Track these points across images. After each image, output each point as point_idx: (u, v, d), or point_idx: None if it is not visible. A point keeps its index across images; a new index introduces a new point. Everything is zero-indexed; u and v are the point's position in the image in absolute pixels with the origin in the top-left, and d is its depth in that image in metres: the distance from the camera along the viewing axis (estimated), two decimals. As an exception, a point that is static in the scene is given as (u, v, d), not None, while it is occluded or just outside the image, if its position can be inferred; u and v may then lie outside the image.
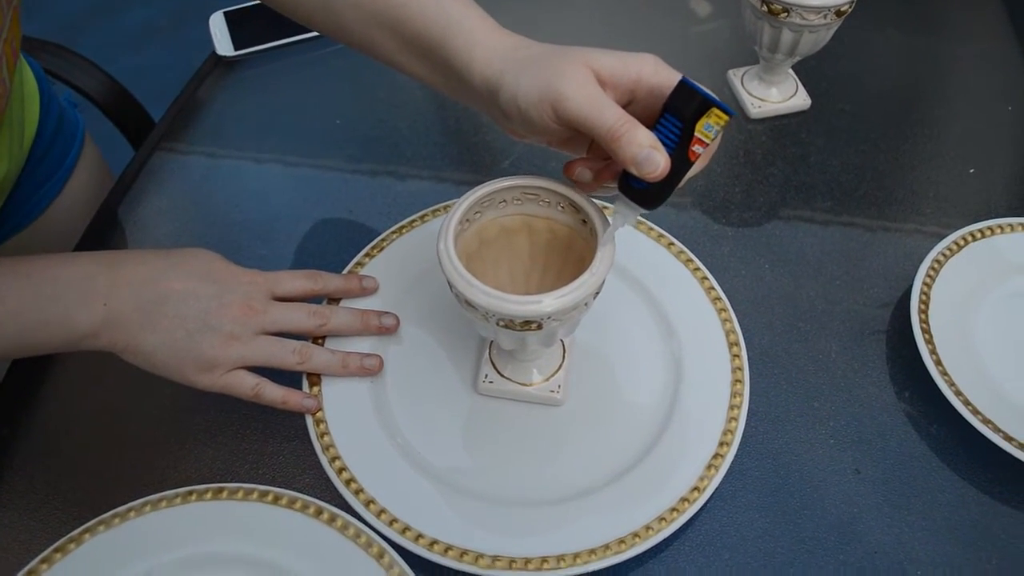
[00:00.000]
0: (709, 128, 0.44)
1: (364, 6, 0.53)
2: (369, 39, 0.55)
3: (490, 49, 0.49)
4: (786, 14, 0.69)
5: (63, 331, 0.52)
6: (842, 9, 0.69)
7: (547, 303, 0.46)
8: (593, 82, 0.45)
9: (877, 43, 0.88)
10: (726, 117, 0.44)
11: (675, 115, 0.44)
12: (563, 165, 0.50)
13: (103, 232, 0.72)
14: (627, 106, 0.46)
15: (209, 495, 0.53)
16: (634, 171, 0.44)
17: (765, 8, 0.70)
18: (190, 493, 0.54)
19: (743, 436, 0.56)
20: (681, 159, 0.45)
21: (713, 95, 0.43)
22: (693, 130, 0.44)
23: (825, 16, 0.69)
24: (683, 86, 0.44)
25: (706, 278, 0.64)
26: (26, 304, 0.51)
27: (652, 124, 0.45)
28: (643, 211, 0.48)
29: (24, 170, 0.75)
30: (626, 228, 0.49)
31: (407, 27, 0.52)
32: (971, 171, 0.76)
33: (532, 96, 0.46)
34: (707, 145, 0.44)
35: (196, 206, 0.75)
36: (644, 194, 0.46)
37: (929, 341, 0.60)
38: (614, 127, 0.43)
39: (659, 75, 0.45)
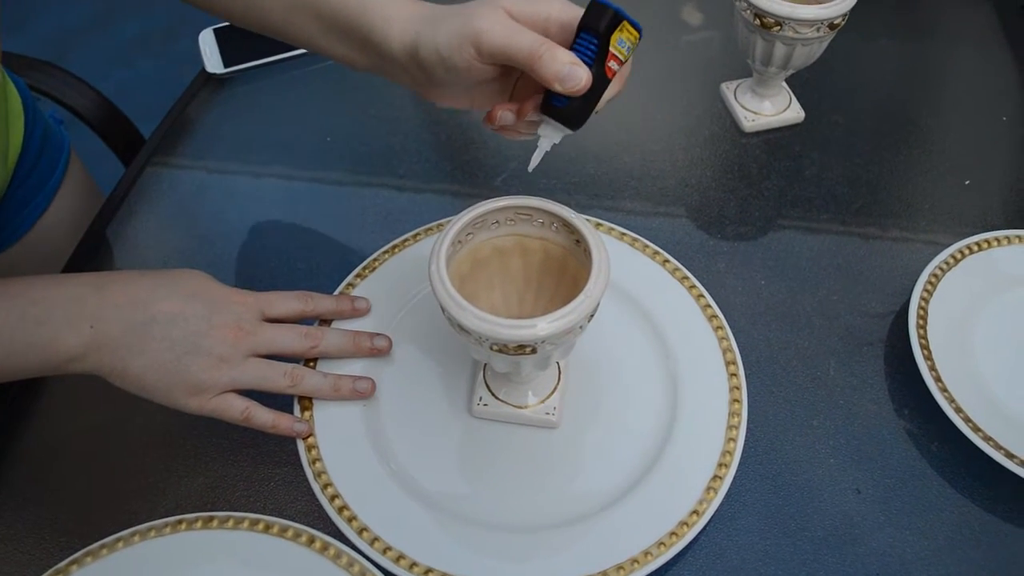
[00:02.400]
0: (622, 43, 0.47)
1: None
2: (290, 24, 0.56)
3: (405, 18, 0.51)
4: (779, 27, 0.69)
5: (49, 354, 0.51)
6: (835, 22, 0.69)
7: (541, 327, 0.45)
8: (506, 17, 0.47)
9: (870, 55, 0.87)
10: (636, 33, 0.48)
11: (590, 32, 0.47)
12: (482, 119, 0.52)
13: (93, 250, 0.71)
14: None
15: (199, 524, 0.53)
16: (558, 87, 0.46)
17: (758, 21, 0.69)
18: (180, 522, 0.53)
19: (741, 456, 0.55)
20: (599, 76, 0.47)
21: (627, 13, 0.47)
22: (608, 45, 0.47)
23: (818, 29, 0.69)
24: (595, 3, 0.47)
25: (702, 295, 0.63)
26: (11, 326, 0.50)
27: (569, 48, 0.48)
28: (568, 131, 0.50)
29: (9, 188, 0.75)
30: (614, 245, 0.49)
31: (324, 8, 0.53)
32: (967, 183, 0.75)
33: (453, 41, 0.48)
34: (622, 62, 0.48)
35: (186, 224, 0.74)
36: (567, 112, 0.48)
37: (928, 357, 0.59)
38: (534, 48, 0.46)
39: (567, 11, 0.48)
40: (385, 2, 0.52)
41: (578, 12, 0.48)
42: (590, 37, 0.47)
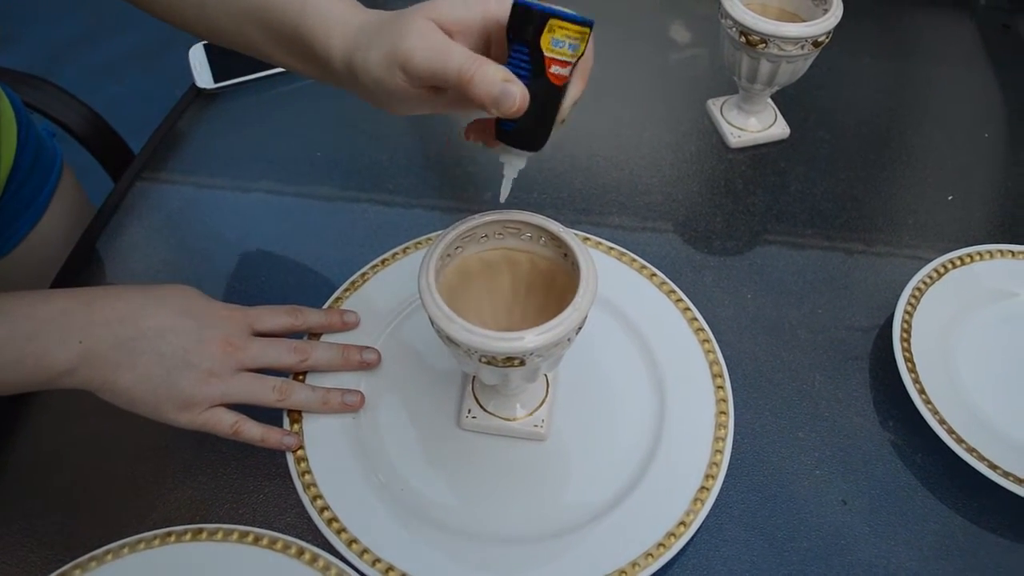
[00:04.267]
0: (560, 43, 0.40)
1: (233, 1, 0.53)
2: (242, 36, 0.54)
3: (343, 30, 0.48)
4: (764, 45, 0.70)
5: (39, 369, 0.51)
6: (819, 40, 0.70)
7: (529, 339, 0.45)
8: (436, 32, 0.43)
9: (854, 72, 0.89)
10: (575, 26, 0.40)
11: (518, 40, 0.41)
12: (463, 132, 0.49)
13: (82, 263, 0.71)
14: (486, 52, 0.44)
15: (188, 536, 0.52)
16: (494, 112, 0.42)
17: (743, 39, 0.70)
18: (168, 534, 0.52)
19: (728, 468, 0.56)
20: (544, 87, 0.41)
21: (556, 8, 0.40)
22: (540, 50, 0.40)
23: (802, 47, 0.70)
24: (516, 6, 0.41)
25: (688, 309, 0.64)
26: (1, 342, 0.50)
27: None
28: (528, 154, 0.46)
29: (0, 201, 0.75)
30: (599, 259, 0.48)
31: (270, 17, 0.51)
32: (949, 198, 0.76)
33: (383, 64, 0.44)
34: (568, 63, 0.41)
35: (176, 238, 0.74)
36: (519, 135, 0.44)
37: (912, 370, 0.60)
38: (462, 70, 0.42)
39: (505, 6, 0.43)
40: (323, 10, 0.49)
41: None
42: (519, 47, 0.41)
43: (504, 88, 0.41)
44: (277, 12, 0.51)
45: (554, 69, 0.41)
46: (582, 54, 0.42)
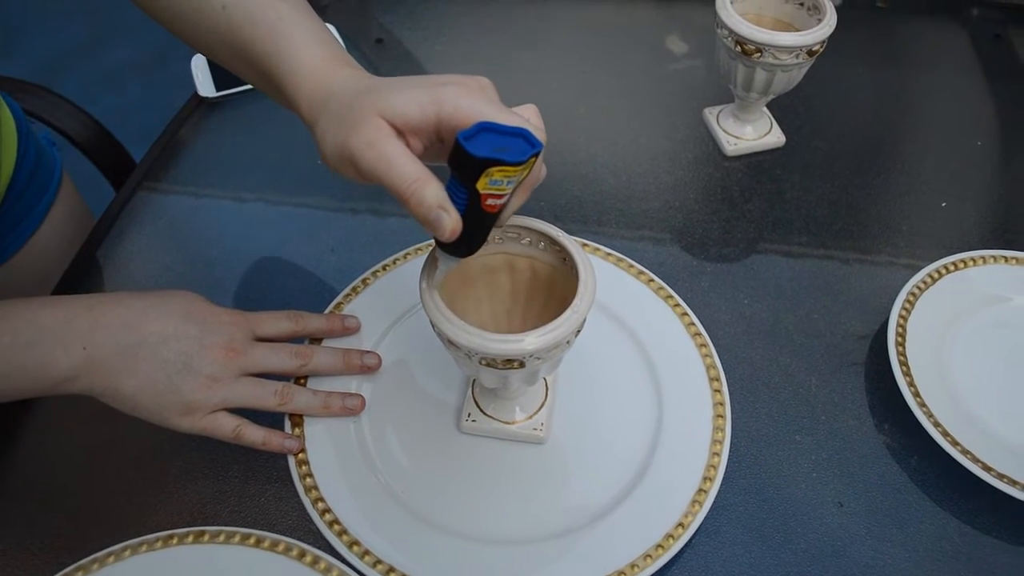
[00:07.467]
0: (497, 183, 0.41)
1: (224, 37, 0.52)
2: (240, 72, 0.54)
3: (309, 96, 0.48)
4: (759, 54, 0.71)
5: (42, 376, 0.51)
6: (814, 49, 0.71)
7: (529, 341, 0.46)
8: (384, 135, 0.43)
9: (848, 81, 0.90)
10: (514, 169, 0.40)
11: (456, 176, 0.41)
12: None
13: (83, 272, 0.72)
14: (440, 146, 0.45)
15: (190, 539, 0.53)
16: (429, 231, 0.43)
17: (739, 48, 0.71)
18: (171, 537, 0.53)
19: (726, 471, 0.56)
20: (479, 214, 0.42)
21: (497, 154, 0.39)
22: (477, 191, 0.41)
23: (797, 56, 0.71)
24: (457, 147, 0.40)
25: (686, 314, 0.64)
26: (3, 349, 0.51)
27: None
28: (458, 258, 0.47)
29: (0, 208, 0.75)
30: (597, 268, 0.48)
31: (258, 63, 0.50)
32: (943, 205, 0.77)
33: (335, 155, 0.45)
34: (506, 194, 0.42)
35: (177, 246, 0.75)
36: (451, 245, 0.45)
37: (907, 373, 0.61)
38: (400, 189, 0.42)
39: (460, 113, 0.42)
40: (297, 66, 0.48)
41: (471, 112, 0.42)
42: (457, 182, 0.41)
43: (438, 216, 0.42)
44: (262, 61, 0.50)
45: (490, 202, 0.42)
46: (524, 178, 0.42)
